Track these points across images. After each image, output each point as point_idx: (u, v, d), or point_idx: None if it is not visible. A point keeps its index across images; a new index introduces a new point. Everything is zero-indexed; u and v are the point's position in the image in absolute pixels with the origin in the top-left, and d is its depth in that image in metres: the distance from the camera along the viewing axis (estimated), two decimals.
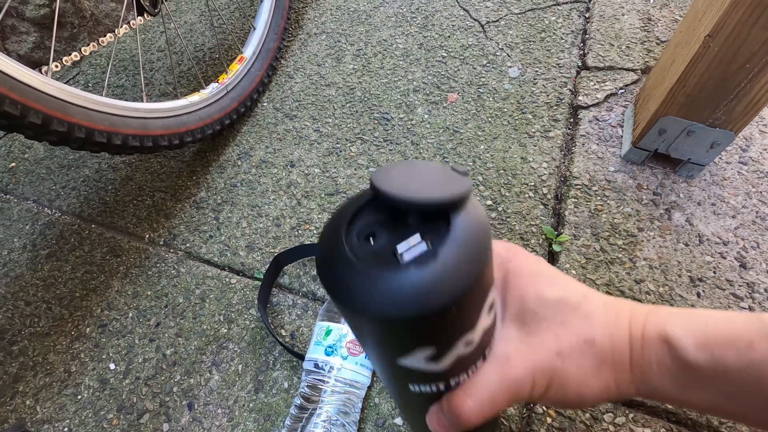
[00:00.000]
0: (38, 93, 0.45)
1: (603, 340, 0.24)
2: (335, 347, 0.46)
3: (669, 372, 0.23)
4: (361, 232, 0.18)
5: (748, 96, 0.49)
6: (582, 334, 0.23)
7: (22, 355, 0.58)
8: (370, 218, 0.18)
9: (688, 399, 0.23)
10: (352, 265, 0.17)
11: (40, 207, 0.72)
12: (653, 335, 0.23)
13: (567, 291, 0.24)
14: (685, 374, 0.22)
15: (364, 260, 0.17)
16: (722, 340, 0.22)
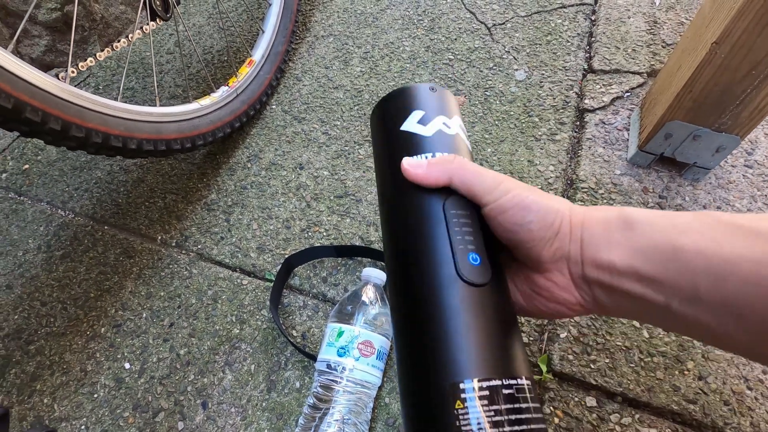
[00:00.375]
0: (57, 99, 0.46)
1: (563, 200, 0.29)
2: (347, 348, 0.47)
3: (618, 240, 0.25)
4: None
5: (754, 102, 0.49)
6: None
7: (39, 354, 0.59)
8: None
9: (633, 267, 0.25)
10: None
11: (53, 209, 0.74)
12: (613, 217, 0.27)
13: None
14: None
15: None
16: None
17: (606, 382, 0.48)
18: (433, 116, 0.31)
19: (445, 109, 0.32)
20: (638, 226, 0.25)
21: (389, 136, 0.32)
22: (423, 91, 0.33)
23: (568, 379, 0.49)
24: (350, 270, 0.60)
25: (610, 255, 0.25)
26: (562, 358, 0.50)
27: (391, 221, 0.31)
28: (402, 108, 0.32)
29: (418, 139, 0.31)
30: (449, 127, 0.31)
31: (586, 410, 0.47)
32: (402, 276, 0.28)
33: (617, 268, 0.25)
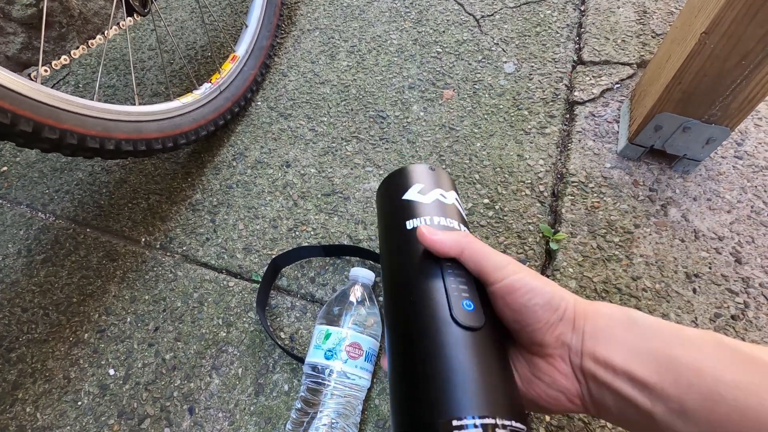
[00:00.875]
0: (28, 100, 0.44)
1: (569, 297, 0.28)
2: (335, 351, 0.46)
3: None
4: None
5: (743, 93, 0.49)
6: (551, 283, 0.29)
7: (20, 362, 0.58)
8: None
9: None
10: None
11: (33, 211, 0.72)
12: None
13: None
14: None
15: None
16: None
17: None
18: (431, 188, 0.36)
19: (442, 184, 0.37)
20: (641, 328, 0.25)
21: (393, 203, 0.36)
22: (423, 170, 0.38)
23: None
24: (338, 269, 0.59)
25: (609, 351, 0.25)
26: None
27: (393, 274, 0.33)
28: (404, 182, 0.37)
29: (418, 205, 0.35)
30: (446, 198, 0.36)
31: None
32: (400, 321, 0.30)
33: (613, 366, 0.25)
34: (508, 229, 0.60)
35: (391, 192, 0.38)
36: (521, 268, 0.28)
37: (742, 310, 0.51)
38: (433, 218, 0.33)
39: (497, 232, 0.60)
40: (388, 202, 0.38)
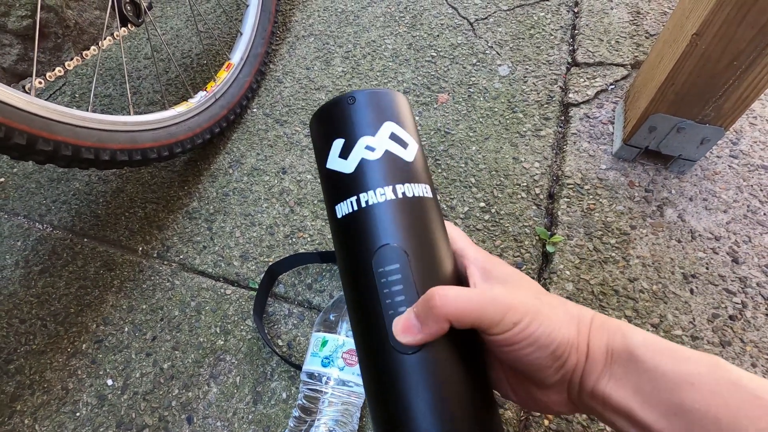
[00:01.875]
0: (22, 113, 0.44)
1: (574, 309, 0.26)
2: (332, 358, 0.46)
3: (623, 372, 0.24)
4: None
5: (736, 93, 0.49)
6: (557, 297, 0.27)
7: (18, 373, 0.58)
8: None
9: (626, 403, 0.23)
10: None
11: (30, 222, 0.72)
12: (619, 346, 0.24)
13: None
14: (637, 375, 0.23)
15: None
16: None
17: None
18: (354, 141, 0.27)
19: (368, 125, 0.27)
20: (641, 363, 0.23)
21: (320, 173, 0.29)
22: (341, 107, 0.28)
23: None
24: (335, 276, 0.59)
25: (606, 388, 0.24)
26: None
27: (340, 269, 0.29)
28: (324, 137, 0.28)
29: (342, 180, 0.27)
30: (374, 150, 0.27)
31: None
32: (354, 339, 0.27)
33: (611, 404, 0.23)
34: (504, 232, 0.60)
35: (317, 151, 0.29)
36: (520, 313, 0.24)
37: (740, 310, 0.51)
38: (360, 198, 0.26)
39: (493, 235, 0.60)
40: (318, 163, 0.30)
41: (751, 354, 0.48)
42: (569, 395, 0.26)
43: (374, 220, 0.26)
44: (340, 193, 0.27)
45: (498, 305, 0.24)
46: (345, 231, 0.27)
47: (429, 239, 0.26)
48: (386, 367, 0.24)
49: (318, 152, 0.29)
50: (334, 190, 0.27)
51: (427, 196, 0.27)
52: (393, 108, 0.28)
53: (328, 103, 0.28)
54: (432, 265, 0.26)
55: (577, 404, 0.26)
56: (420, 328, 0.23)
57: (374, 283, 0.25)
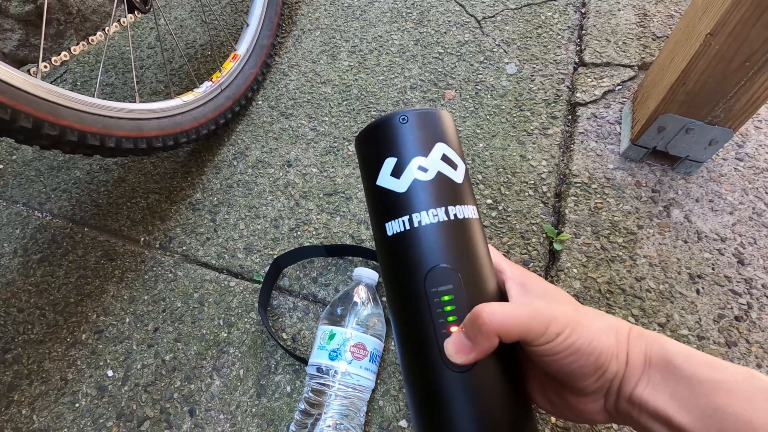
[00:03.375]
0: (28, 96, 0.43)
1: (611, 320, 0.27)
2: (339, 351, 0.45)
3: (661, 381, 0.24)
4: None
5: (747, 94, 0.49)
6: (593, 309, 0.27)
7: (16, 363, 0.56)
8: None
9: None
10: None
11: (30, 210, 0.70)
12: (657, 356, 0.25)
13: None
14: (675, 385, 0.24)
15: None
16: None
17: None
18: (406, 162, 0.27)
19: (420, 145, 0.28)
20: (679, 371, 0.24)
21: (368, 189, 0.30)
22: (393, 126, 0.28)
23: None
24: (341, 270, 0.59)
25: (644, 393, 0.24)
26: None
27: (387, 285, 0.29)
28: (375, 156, 0.29)
29: (394, 199, 0.27)
30: (426, 170, 0.27)
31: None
32: (400, 354, 0.28)
33: (647, 408, 0.24)
34: (511, 229, 0.60)
35: (365, 168, 0.30)
36: (562, 325, 0.24)
37: (746, 311, 0.51)
38: (413, 219, 0.26)
39: (501, 232, 0.60)
40: (365, 180, 0.30)
41: (756, 354, 0.49)
42: (605, 403, 0.26)
43: (427, 241, 0.26)
44: (391, 211, 0.28)
45: (542, 318, 0.24)
46: (395, 249, 0.27)
47: (478, 260, 0.27)
48: (439, 384, 0.25)
49: (367, 168, 0.30)
50: (385, 207, 0.28)
51: (475, 217, 0.28)
52: (443, 128, 0.29)
53: (379, 121, 0.29)
54: (481, 285, 0.27)
55: (612, 412, 0.26)
56: (471, 347, 0.24)
57: (426, 303, 0.26)
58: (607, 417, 0.27)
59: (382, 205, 0.28)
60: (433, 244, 0.26)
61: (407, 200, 0.27)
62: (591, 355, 0.24)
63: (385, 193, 0.28)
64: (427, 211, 0.27)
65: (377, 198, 0.29)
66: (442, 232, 0.27)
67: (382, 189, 0.28)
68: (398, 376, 0.50)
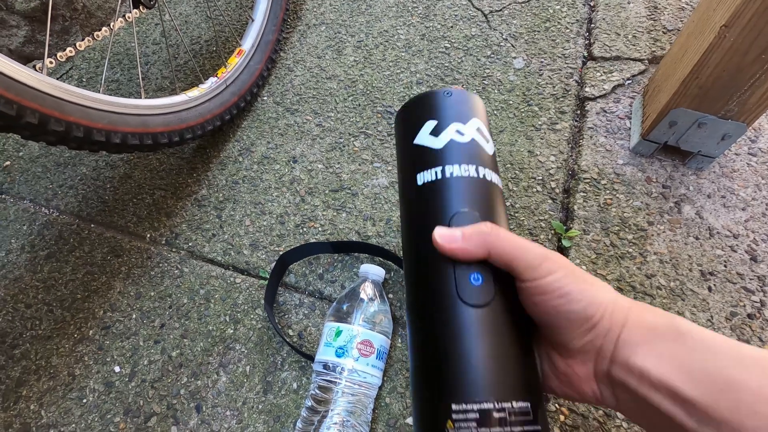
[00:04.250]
0: (34, 91, 0.43)
1: (618, 294, 0.26)
2: (346, 348, 0.45)
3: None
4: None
5: (762, 87, 0.48)
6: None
7: (24, 358, 0.57)
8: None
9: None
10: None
11: (37, 207, 0.71)
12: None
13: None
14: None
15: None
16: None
17: None
18: (446, 125, 0.31)
19: (460, 115, 0.31)
20: (690, 341, 0.23)
21: (404, 149, 0.33)
22: (438, 97, 0.32)
23: None
24: (347, 266, 0.58)
25: (645, 362, 0.23)
26: None
27: (406, 233, 0.31)
28: (416, 119, 0.32)
29: (430, 154, 0.30)
30: (463, 134, 0.31)
31: (592, 407, 0.46)
32: (412, 294, 0.29)
33: (649, 378, 0.23)
34: (519, 225, 0.59)
35: (404, 131, 0.34)
36: (559, 265, 0.25)
37: (759, 309, 0.50)
38: (446, 169, 0.29)
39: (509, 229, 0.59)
40: (401, 143, 0.34)
41: None
42: (595, 367, 0.26)
43: (456, 189, 0.29)
44: (424, 164, 0.30)
45: (538, 253, 0.26)
46: (424, 196, 0.30)
47: (498, 215, 0.30)
48: (453, 319, 0.26)
49: (405, 132, 0.33)
50: (419, 161, 0.31)
51: (500, 187, 0.31)
52: (481, 110, 0.33)
53: (425, 93, 0.33)
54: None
55: (602, 379, 0.26)
56: (459, 240, 0.26)
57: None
58: (597, 389, 0.26)
59: (417, 160, 0.31)
60: (463, 193, 0.28)
61: (442, 154, 0.30)
62: (581, 302, 0.24)
63: (422, 150, 0.31)
64: (459, 165, 0.29)
65: (413, 154, 0.31)
66: (472, 185, 0.29)
67: (418, 146, 0.31)
68: (405, 373, 0.50)
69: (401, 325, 0.53)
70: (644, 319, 0.24)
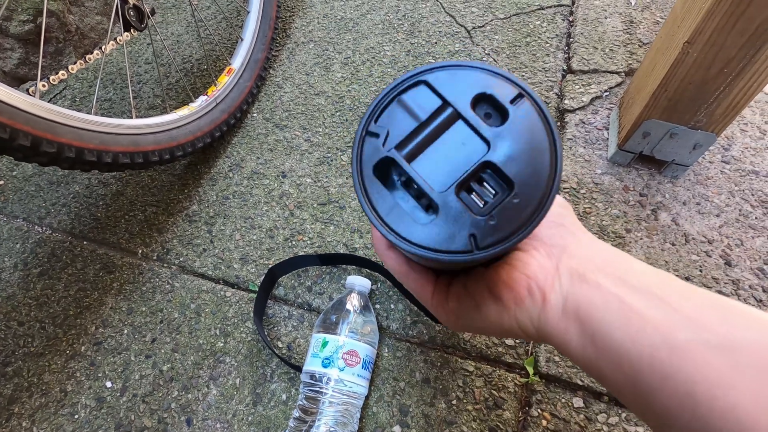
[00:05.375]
0: (27, 115, 0.45)
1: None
2: (332, 359, 0.46)
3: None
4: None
5: (727, 99, 0.50)
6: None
7: (16, 376, 0.57)
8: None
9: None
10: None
11: (30, 225, 0.72)
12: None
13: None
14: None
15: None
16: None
17: (592, 381, 0.48)
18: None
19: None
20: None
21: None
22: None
23: (554, 380, 0.49)
24: (335, 278, 0.59)
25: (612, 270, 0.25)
26: (549, 360, 0.50)
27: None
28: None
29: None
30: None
31: (574, 411, 0.47)
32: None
33: (621, 278, 0.24)
34: None
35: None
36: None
37: None
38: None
39: None
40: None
41: None
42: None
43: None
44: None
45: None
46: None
47: None
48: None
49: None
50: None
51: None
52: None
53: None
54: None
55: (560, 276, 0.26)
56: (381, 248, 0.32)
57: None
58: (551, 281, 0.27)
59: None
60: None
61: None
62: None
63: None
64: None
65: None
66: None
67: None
68: (392, 382, 0.51)
69: (387, 335, 0.54)
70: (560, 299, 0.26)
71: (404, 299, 0.56)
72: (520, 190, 0.22)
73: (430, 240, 0.22)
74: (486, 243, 0.22)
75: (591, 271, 0.25)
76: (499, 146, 0.22)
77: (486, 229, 0.22)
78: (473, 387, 0.49)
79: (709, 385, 0.19)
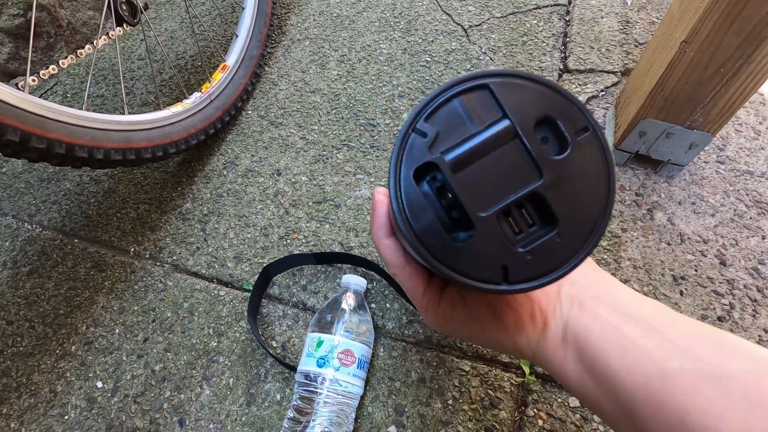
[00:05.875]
0: (15, 110, 0.44)
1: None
2: (327, 358, 0.46)
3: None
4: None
5: (723, 99, 0.50)
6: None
7: (5, 376, 0.56)
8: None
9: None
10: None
11: (19, 222, 0.71)
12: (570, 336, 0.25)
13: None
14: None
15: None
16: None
17: None
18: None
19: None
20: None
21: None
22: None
23: (550, 380, 0.49)
24: (330, 277, 0.59)
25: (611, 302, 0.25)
26: None
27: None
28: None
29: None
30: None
31: (570, 411, 0.47)
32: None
33: (623, 310, 0.24)
34: None
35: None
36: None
37: (728, 311, 0.52)
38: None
39: None
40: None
41: None
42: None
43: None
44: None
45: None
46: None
47: None
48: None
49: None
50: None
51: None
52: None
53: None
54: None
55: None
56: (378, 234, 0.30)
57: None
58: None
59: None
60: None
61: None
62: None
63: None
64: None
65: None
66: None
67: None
68: (387, 382, 0.50)
69: (383, 335, 0.54)
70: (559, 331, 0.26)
71: (400, 298, 0.56)
72: (563, 230, 0.20)
73: (456, 259, 0.21)
74: (517, 278, 0.20)
75: (590, 298, 0.25)
76: (552, 179, 0.20)
77: (520, 263, 0.20)
78: (469, 387, 0.49)
79: (701, 414, 0.19)
